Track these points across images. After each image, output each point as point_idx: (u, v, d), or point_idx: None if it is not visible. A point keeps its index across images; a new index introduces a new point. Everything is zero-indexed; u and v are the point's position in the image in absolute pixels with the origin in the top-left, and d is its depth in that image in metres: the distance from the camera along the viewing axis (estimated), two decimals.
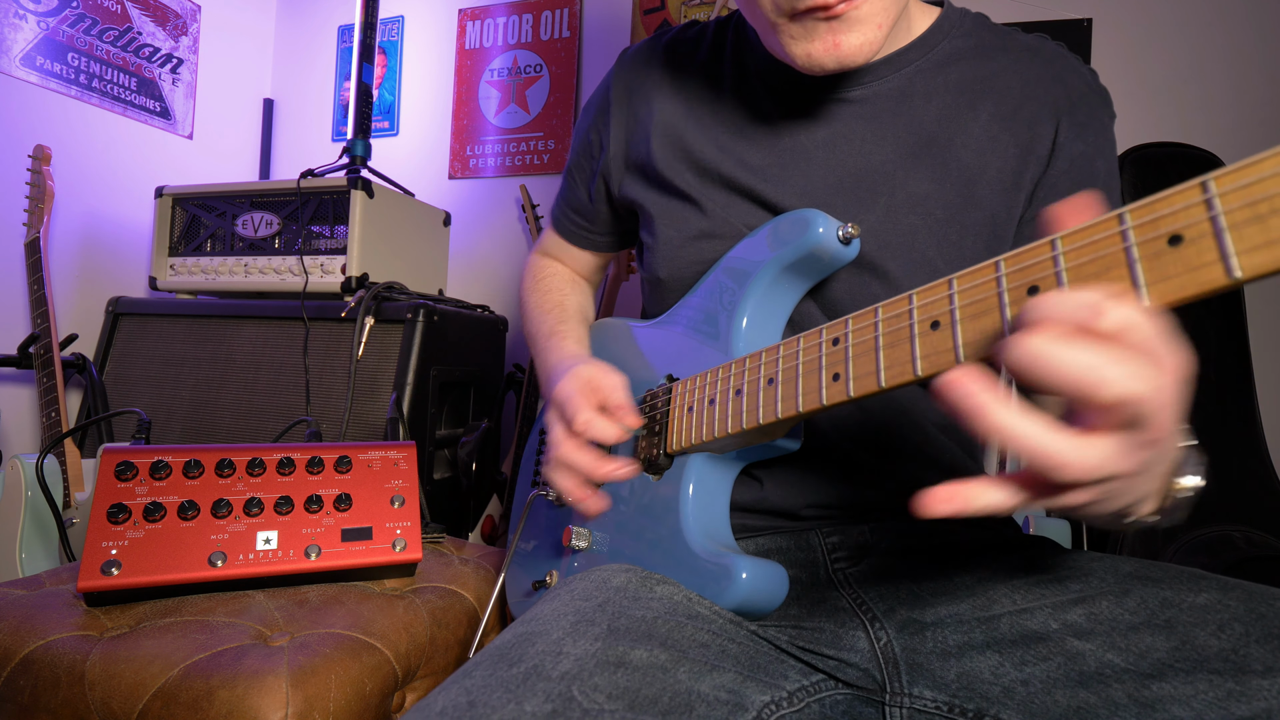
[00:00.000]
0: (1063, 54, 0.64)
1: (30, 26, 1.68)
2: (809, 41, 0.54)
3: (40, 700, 0.62)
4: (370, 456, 0.85)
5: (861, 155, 0.62)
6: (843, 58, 0.54)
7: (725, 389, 0.54)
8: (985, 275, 0.36)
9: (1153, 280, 0.29)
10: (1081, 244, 0.32)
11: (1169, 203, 0.29)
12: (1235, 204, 0.27)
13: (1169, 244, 0.29)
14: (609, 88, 0.78)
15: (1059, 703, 0.45)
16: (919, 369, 0.38)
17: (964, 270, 0.37)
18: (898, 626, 0.54)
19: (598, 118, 0.78)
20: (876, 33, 0.54)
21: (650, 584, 0.53)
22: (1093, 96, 0.62)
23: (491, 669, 0.42)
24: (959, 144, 0.61)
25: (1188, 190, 0.29)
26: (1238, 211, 0.27)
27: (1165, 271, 0.29)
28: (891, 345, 0.40)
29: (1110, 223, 0.31)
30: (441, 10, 2.16)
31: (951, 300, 0.37)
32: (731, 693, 0.45)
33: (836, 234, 0.55)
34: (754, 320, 0.60)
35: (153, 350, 1.61)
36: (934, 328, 0.38)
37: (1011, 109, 0.62)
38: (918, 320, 0.39)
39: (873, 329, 0.42)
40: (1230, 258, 0.27)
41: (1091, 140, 0.61)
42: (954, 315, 0.37)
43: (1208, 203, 0.28)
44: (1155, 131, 1.49)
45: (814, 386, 0.45)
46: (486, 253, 2.07)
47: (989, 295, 0.35)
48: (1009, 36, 0.65)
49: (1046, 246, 0.33)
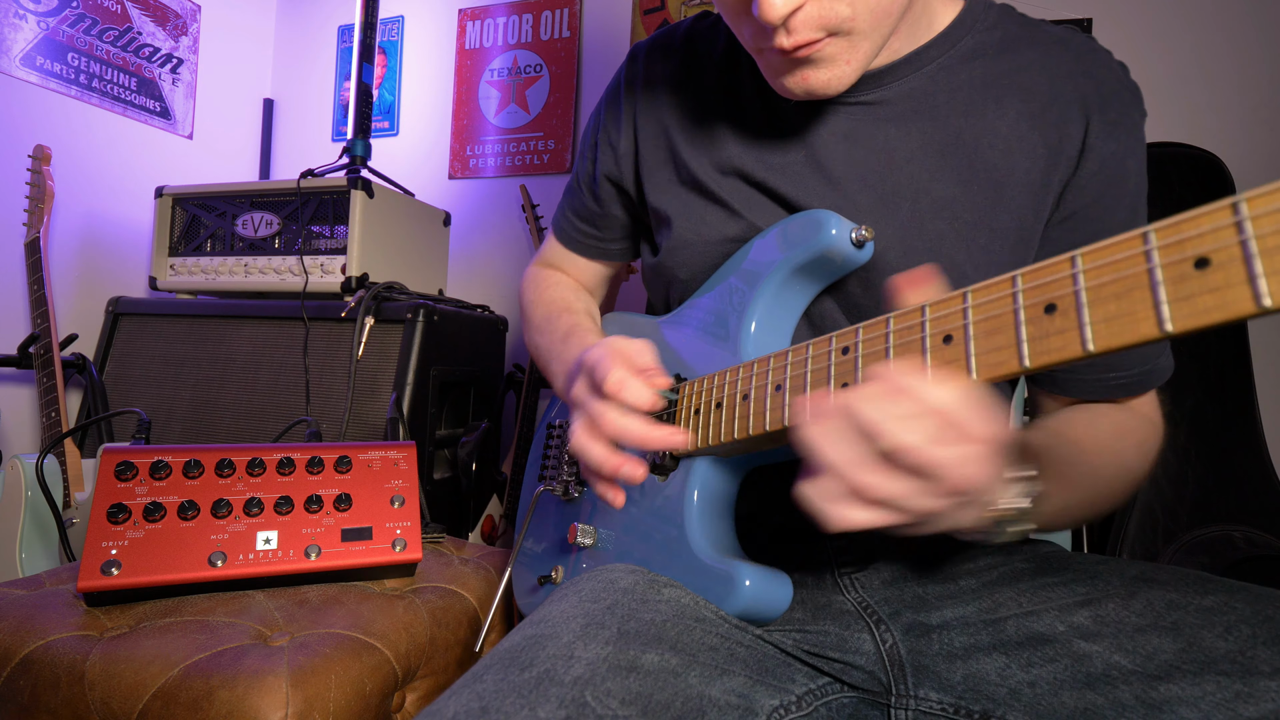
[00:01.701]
0: (1094, 47, 0.61)
1: (30, 26, 1.68)
2: (781, 75, 0.54)
3: (40, 700, 0.62)
4: (370, 456, 0.85)
5: (885, 157, 0.60)
6: (812, 91, 0.53)
7: (733, 393, 0.53)
8: (1002, 290, 0.35)
9: (1176, 303, 0.28)
10: (1103, 263, 0.31)
11: (1196, 224, 0.28)
12: (1268, 228, 0.26)
13: (1195, 267, 0.28)
14: (620, 85, 0.74)
15: (1065, 704, 0.45)
16: None
17: (979, 284, 0.36)
18: (903, 629, 0.54)
19: (609, 118, 0.75)
20: (845, 68, 0.52)
21: (657, 586, 0.52)
22: (1125, 93, 0.59)
23: (503, 673, 0.42)
24: (985, 144, 0.59)
25: (1217, 211, 0.27)
26: (1270, 237, 0.26)
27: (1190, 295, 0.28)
28: (902, 357, 0.39)
29: (1134, 242, 0.30)
30: (441, 10, 2.16)
31: (966, 315, 0.36)
32: (741, 697, 0.45)
33: (850, 236, 0.54)
34: (763, 323, 0.59)
35: (153, 350, 1.61)
36: (946, 341, 0.37)
37: (1040, 106, 0.59)
38: (930, 333, 0.38)
39: (884, 339, 0.41)
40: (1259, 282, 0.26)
41: (1123, 139, 0.58)
42: (968, 330, 0.36)
43: (1238, 225, 0.27)
44: (1155, 131, 1.49)
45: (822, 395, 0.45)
46: (486, 253, 2.07)
47: (1005, 312, 0.35)
48: (1036, 28, 0.62)
49: (1066, 264, 0.32)
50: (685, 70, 0.70)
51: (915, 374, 0.36)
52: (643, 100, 0.72)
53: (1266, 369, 1.38)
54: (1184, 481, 1.26)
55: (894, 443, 0.35)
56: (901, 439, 0.35)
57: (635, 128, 0.73)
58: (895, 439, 0.35)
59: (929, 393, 0.36)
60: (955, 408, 0.35)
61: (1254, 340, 1.32)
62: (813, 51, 0.50)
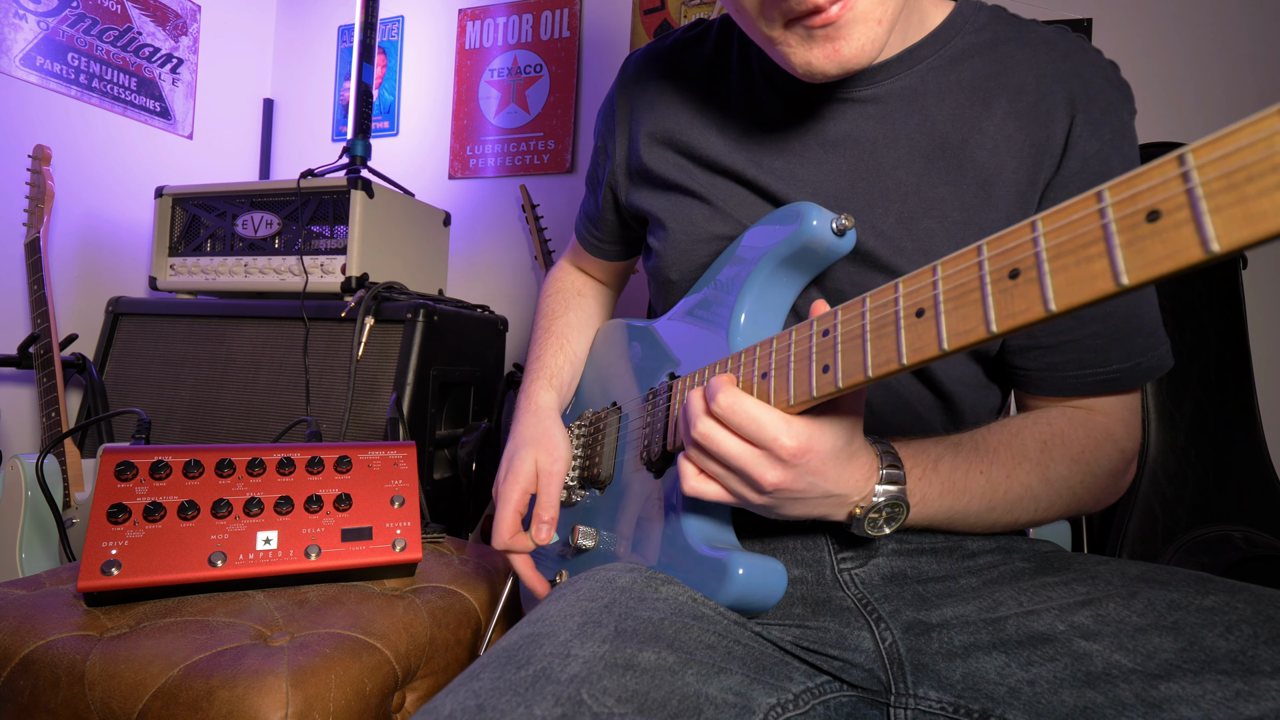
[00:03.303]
0: (1083, 46, 0.61)
1: (30, 26, 1.68)
2: (808, 50, 0.53)
3: (40, 700, 0.62)
4: (370, 456, 0.85)
5: (874, 157, 0.61)
6: (845, 63, 0.53)
7: None
8: (969, 260, 0.36)
9: (1130, 255, 0.29)
10: (1061, 224, 0.32)
11: (1147, 177, 0.29)
12: (1212, 174, 0.27)
13: (1147, 220, 0.29)
14: (614, 97, 0.78)
15: (1065, 703, 0.45)
16: (904, 358, 0.38)
17: (948, 256, 0.37)
18: (903, 627, 0.54)
19: (605, 127, 0.79)
20: (877, 29, 0.52)
21: (655, 584, 0.53)
22: (1110, 91, 0.59)
23: (499, 671, 0.42)
24: (974, 144, 0.59)
25: (1165, 164, 0.28)
26: (1214, 182, 0.27)
27: (1142, 247, 0.29)
28: (879, 335, 0.40)
29: (1089, 200, 0.31)
30: (441, 10, 2.16)
31: (936, 286, 0.37)
32: (739, 695, 0.45)
33: (830, 226, 0.55)
34: (752, 315, 0.59)
35: (153, 350, 1.61)
36: (919, 315, 0.37)
37: (1027, 106, 0.59)
38: (903, 309, 0.38)
39: (860, 319, 0.41)
40: (1206, 229, 0.27)
41: (1107, 139, 0.58)
42: (938, 302, 0.36)
43: (1184, 175, 0.27)
44: (1155, 132, 1.49)
45: (805, 379, 0.45)
46: (486, 253, 2.07)
47: (971, 279, 0.35)
48: (1026, 29, 0.62)
49: (1028, 228, 0.33)
50: (674, 77, 0.72)
51: (743, 402, 0.47)
52: (634, 109, 0.75)
53: (1266, 369, 1.38)
54: (1184, 481, 1.26)
55: (709, 448, 0.49)
56: (712, 445, 0.48)
57: (629, 136, 0.75)
58: (713, 445, 0.48)
59: (748, 415, 0.46)
60: (763, 427, 0.46)
61: (1254, 340, 1.32)
62: (846, 9, 0.50)
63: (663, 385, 0.63)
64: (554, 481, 0.68)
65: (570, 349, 0.82)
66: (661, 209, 0.70)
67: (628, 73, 0.77)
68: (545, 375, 0.79)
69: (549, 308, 0.87)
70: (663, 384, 0.63)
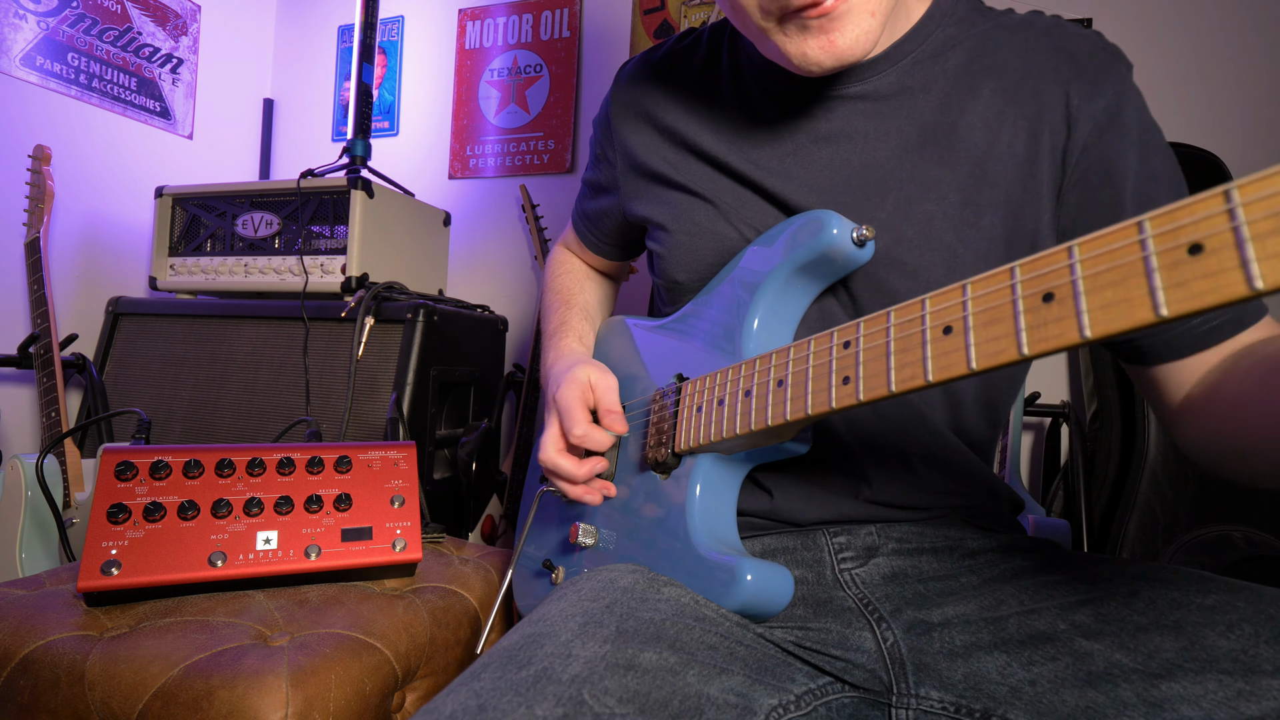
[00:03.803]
0: (1059, 23, 0.62)
1: (30, 26, 1.68)
2: (804, 41, 0.53)
3: (40, 700, 0.62)
4: (370, 456, 0.85)
5: (867, 151, 0.61)
6: (840, 54, 0.53)
7: (734, 390, 0.54)
8: (1000, 282, 0.36)
9: (1170, 287, 0.29)
10: (1099, 252, 0.32)
11: (1190, 211, 0.29)
12: (1259, 214, 0.27)
13: (1189, 253, 0.29)
14: (608, 108, 0.78)
15: (1067, 702, 0.45)
16: (930, 374, 0.38)
17: (979, 276, 0.37)
18: (904, 627, 0.54)
19: (602, 135, 0.80)
20: (871, 21, 0.52)
21: (657, 585, 0.52)
22: (1100, 54, 0.59)
23: (500, 671, 0.42)
24: (964, 125, 0.60)
25: (1210, 199, 0.28)
26: (1261, 222, 0.27)
27: (1183, 279, 0.29)
28: (903, 350, 0.40)
29: (1129, 231, 0.31)
30: (441, 10, 2.16)
31: (965, 306, 0.37)
32: (740, 696, 0.45)
33: (851, 236, 0.54)
34: (765, 322, 0.59)
35: (153, 350, 1.61)
36: (946, 333, 0.38)
37: (1013, 82, 0.60)
38: (930, 325, 0.39)
39: (884, 333, 0.41)
40: (1251, 266, 0.27)
41: (1110, 94, 0.58)
42: (967, 321, 0.37)
43: (1230, 212, 0.28)
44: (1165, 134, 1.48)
45: (824, 389, 0.45)
46: (486, 253, 2.07)
47: (1004, 302, 0.35)
48: (1002, 14, 0.64)
49: (1064, 254, 0.33)
50: (668, 83, 0.73)
51: None
52: (627, 119, 0.75)
53: None
54: (1184, 481, 1.26)
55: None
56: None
57: (625, 143, 0.75)
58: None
59: None
60: None
61: None
62: (843, 1, 0.51)
63: (671, 386, 0.63)
64: (610, 392, 0.67)
65: (594, 320, 0.84)
66: (663, 211, 0.71)
67: (621, 82, 0.78)
68: (574, 334, 0.80)
69: (563, 284, 0.88)
70: (671, 385, 0.63)
